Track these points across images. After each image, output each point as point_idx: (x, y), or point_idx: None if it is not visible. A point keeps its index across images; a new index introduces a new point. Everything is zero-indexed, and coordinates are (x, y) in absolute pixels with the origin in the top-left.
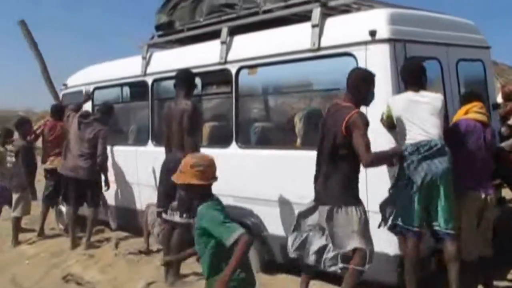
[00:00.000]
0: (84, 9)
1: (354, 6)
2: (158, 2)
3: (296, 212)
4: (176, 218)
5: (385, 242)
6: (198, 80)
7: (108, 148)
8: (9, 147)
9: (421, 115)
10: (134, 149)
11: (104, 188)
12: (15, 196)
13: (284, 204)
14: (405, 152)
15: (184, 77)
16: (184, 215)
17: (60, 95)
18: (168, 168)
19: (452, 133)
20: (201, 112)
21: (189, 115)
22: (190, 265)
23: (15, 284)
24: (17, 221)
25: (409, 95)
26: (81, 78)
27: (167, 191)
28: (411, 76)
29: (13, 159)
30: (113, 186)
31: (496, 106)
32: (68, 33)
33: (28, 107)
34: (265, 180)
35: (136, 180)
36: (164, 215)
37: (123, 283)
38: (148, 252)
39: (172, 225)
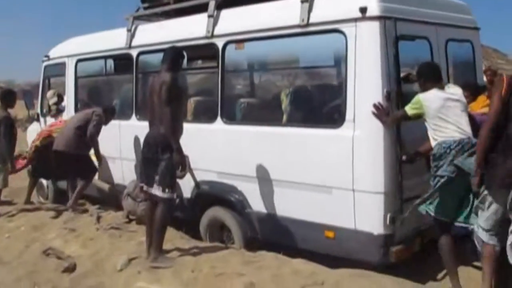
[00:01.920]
0: None
1: None
2: None
3: (280, 189)
4: (158, 193)
5: (369, 221)
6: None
7: None
8: None
9: (456, 113)
10: (117, 123)
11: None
12: None
13: (268, 181)
14: (448, 150)
15: (169, 53)
16: (167, 190)
17: (42, 67)
18: (148, 143)
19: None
20: (184, 85)
21: (167, 87)
22: (172, 241)
23: None
24: None
25: (439, 93)
26: (64, 50)
27: (147, 165)
28: (434, 74)
29: None
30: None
31: (483, 88)
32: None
33: (8, 79)
34: (250, 156)
35: (119, 155)
36: (146, 188)
37: (105, 258)
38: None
39: (155, 200)
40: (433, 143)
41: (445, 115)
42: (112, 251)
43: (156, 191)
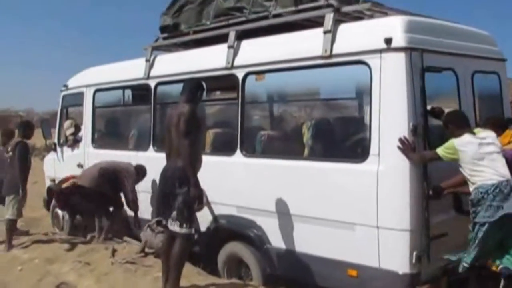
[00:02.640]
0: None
1: (367, 13)
2: (164, 4)
3: (300, 224)
4: (176, 228)
5: (394, 259)
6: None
7: (109, 152)
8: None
9: (491, 157)
10: (135, 154)
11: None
12: (8, 198)
13: (288, 216)
14: (486, 195)
15: (188, 84)
16: (184, 225)
17: (60, 96)
18: (166, 176)
19: None
20: (202, 116)
21: (185, 118)
22: (189, 277)
23: None
24: (12, 224)
25: (472, 138)
26: (82, 80)
27: (165, 199)
28: (462, 120)
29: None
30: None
31: (510, 121)
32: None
33: (28, 107)
34: (270, 190)
35: (137, 187)
36: (164, 223)
37: None
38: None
39: (172, 235)
40: (470, 187)
41: (480, 160)
42: (127, 286)
43: (174, 226)
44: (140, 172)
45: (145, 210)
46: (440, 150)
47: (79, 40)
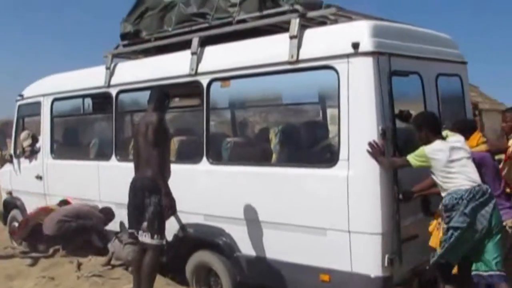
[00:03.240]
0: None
1: (332, 17)
2: (124, 11)
3: (270, 231)
4: (147, 239)
5: (366, 263)
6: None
7: (69, 162)
8: None
9: (462, 162)
10: (96, 163)
11: None
12: None
13: (257, 223)
14: (461, 200)
15: (155, 93)
16: (155, 236)
17: (16, 106)
18: (135, 187)
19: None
20: (168, 126)
21: (154, 127)
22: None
23: None
24: None
25: (443, 144)
26: (39, 89)
27: (135, 211)
28: (435, 125)
29: None
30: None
31: (473, 122)
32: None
33: None
34: (238, 198)
35: (97, 197)
36: (136, 234)
37: None
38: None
39: (143, 247)
40: (443, 193)
41: (452, 167)
42: None
43: (145, 238)
44: (107, 215)
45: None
46: (411, 158)
47: (35, 46)
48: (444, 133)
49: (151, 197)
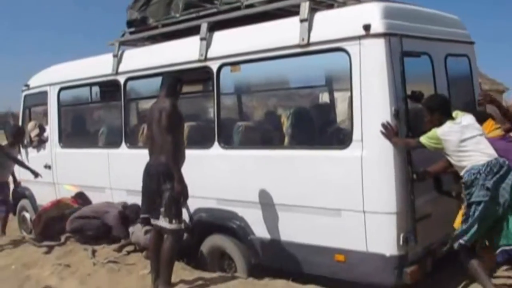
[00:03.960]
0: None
1: (340, 0)
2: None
3: (284, 213)
4: (165, 224)
5: (381, 243)
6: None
7: (78, 151)
8: None
9: (474, 140)
10: (106, 151)
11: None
12: None
13: (271, 206)
14: (479, 175)
15: (167, 78)
16: (174, 221)
17: (22, 97)
18: (149, 173)
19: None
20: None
21: (167, 113)
22: (176, 273)
23: None
24: None
25: (454, 125)
26: (45, 78)
27: (151, 196)
28: (448, 107)
29: None
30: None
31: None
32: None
33: None
34: (250, 181)
35: (108, 184)
36: (152, 221)
37: None
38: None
39: (161, 232)
40: (461, 172)
41: (465, 146)
42: (112, 286)
43: (163, 222)
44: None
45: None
46: (423, 139)
47: (30, 39)
48: (454, 113)
49: (166, 183)
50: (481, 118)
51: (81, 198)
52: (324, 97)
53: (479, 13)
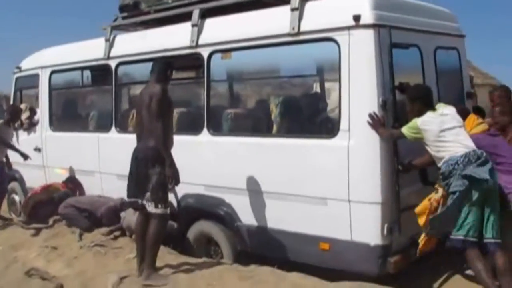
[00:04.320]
0: None
1: None
2: None
3: (271, 201)
4: (151, 208)
5: (365, 232)
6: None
7: (68, 134)
8: None
9: (454, 131)
10: (96, 135)
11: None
12: None
13: (258, 193)
14: (457, 165)
15: (158, 64)
16: (160, 206)
17: (13, 79)
18: (138, 158)
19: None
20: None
21: (157, 99)
22: (162, 258)
23: None
24: None
25: (434, 115)
26: (37, 61)
27: (139, 181)
28: (430, 98)
29: None
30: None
31: (470, 95)
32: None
33: None
34: (238, 168)
35: (97, 168)
36: (140, 202)
37: (93, 278)
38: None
39: (147, 216)
40: (439, 163)
41: (444, 136)
42: (99, 269)
43: (148, 207)
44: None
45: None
46: (404, 130)
47: (24, 21)
48: (437, 105)
49: (154, 167)
50: (463, 114)
51: (72, 183)
52: (313, 86)
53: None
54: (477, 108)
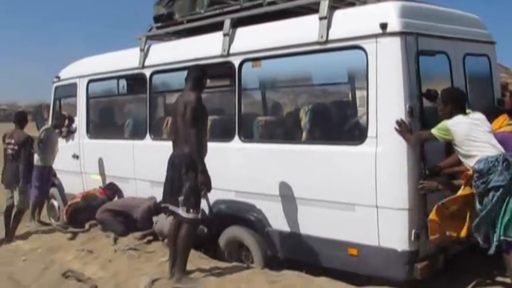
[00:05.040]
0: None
1: None
2: None
3: (300, 207)
4: (183, 213)
5: (393, 238)
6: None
7: (105, 142)
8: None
9: (485, 135)
10: (131, 143)
11: None
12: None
13: (288, 199)
14: (497, 162)
15: (193, 72)
16: (191, 211)
17: (53, 88)
18: (173, 164)
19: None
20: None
21: (192, 107)
22: (193, 262)
23: (13, 281)
24: (19, 214)
25: (464, 118)
26: (75, 71)
27: (173, 186)
28: (460, 101)
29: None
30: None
31: (501, 102)
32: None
33: (10, 101)
34: (269, 174)
35: (133, 175)
36: (171, 208)
37: (126, 280)
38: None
39: (179, 220)
40: (470, 162)
41: (475, 137)
42: (132, 272)
43: (181, 211)
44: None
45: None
46: (434, 131)
47: (62, 32)
48: (468, 111)
49: (188, 173)
50: (496, 113)
51: (110, 189)
52: (342, 94)
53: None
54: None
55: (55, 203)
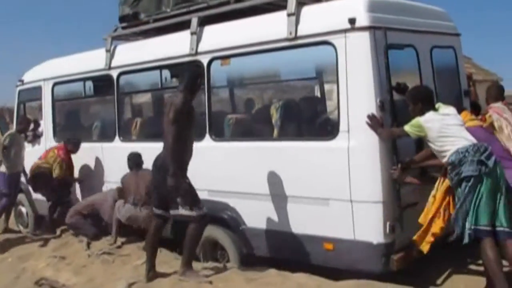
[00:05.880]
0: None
1: None
2: None
3: (274, 204)
4: (187, 213)
5: (368, 231)
6: (166, 73)
7: None
8: None
9: (457, 128)
10: (100, 145)
11: None
12: None
13: (261, 196)
14: (467, 153)
15: (186, 72)
16: (195, 208)
17: (16, 92)
18: (156, 165)
19: None
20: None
21: (175, 108)
22: (169, 263)
23: None
24: None
25: (436, 115)
26: (39, 73)
27: (160, 189)
28: (431, 99)
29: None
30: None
31: (467, 93)
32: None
33: None
34: (241, 172)
35: (102, 177)
36: (161, 213)
37: (102, 285)
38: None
39: (186, 221)
40: (444, 157)
41: (447, 132)
42: (107, 277)
43: (184, 211)
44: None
45: None
46: (407, 128)
47: (28, 32)
48: (437, 105)
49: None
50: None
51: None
52: (313, 90)
53: (477, 4)
54: (474, 104)
55: (23, 209)
